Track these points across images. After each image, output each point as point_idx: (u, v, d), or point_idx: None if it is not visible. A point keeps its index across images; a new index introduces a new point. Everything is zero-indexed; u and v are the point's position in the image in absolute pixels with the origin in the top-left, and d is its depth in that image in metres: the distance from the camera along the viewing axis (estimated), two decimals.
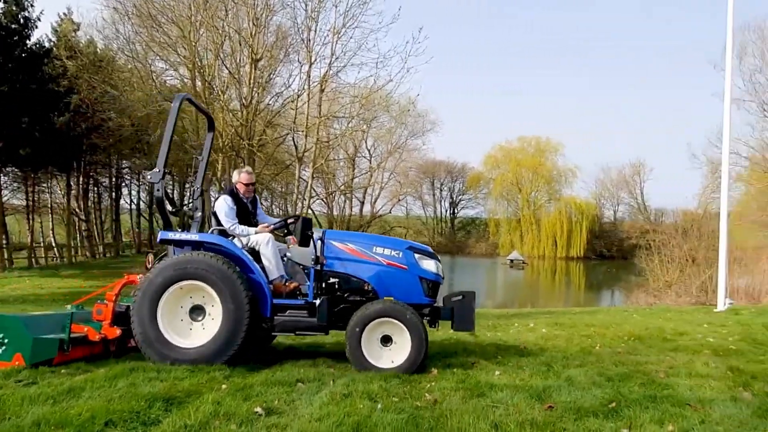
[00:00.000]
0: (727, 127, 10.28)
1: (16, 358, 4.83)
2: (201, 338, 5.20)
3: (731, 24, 10.14)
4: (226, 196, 5.86)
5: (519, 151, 66.33)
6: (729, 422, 3.40)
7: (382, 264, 5.65)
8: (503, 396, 4.02)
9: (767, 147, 28.53)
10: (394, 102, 27.69)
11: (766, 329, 8.75)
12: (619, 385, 4.43)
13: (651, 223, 51.96)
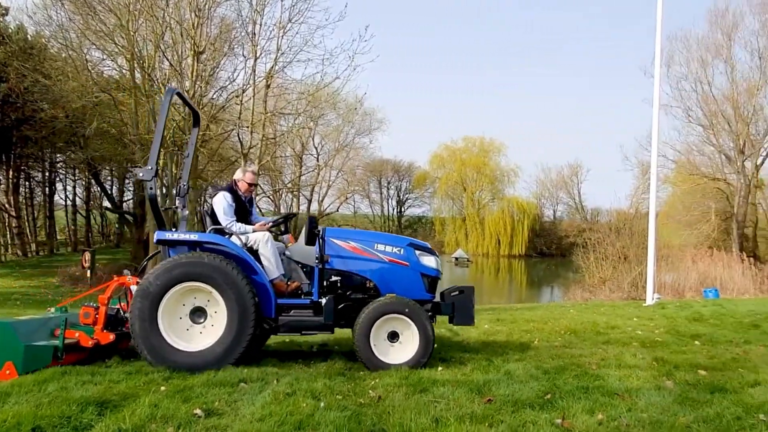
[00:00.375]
0: (655, 131, 10.83)
1: (6, 368, 4.48)
2: (204, 341, 5.04)
3: (660, 34, 10.69)
4: (225, 193, 5.72)
5: (464, 151, 67.45)
6: (653, 409, 3.61)
7: (384, 261, 5.65)
8: (445, 391, 4.11)
9: (691, 150, 30.25)
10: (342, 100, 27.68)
11: (688, 322, 9.32)
12: (554, 378, 4.61)
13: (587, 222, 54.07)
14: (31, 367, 4.56)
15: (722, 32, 27.90)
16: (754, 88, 27.13)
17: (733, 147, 27.88)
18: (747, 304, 14.22)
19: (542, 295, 35.17)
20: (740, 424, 3.33)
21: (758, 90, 27.12)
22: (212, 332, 5.07)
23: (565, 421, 3.40)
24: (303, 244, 5.63)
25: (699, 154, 30.31)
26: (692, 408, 3.65)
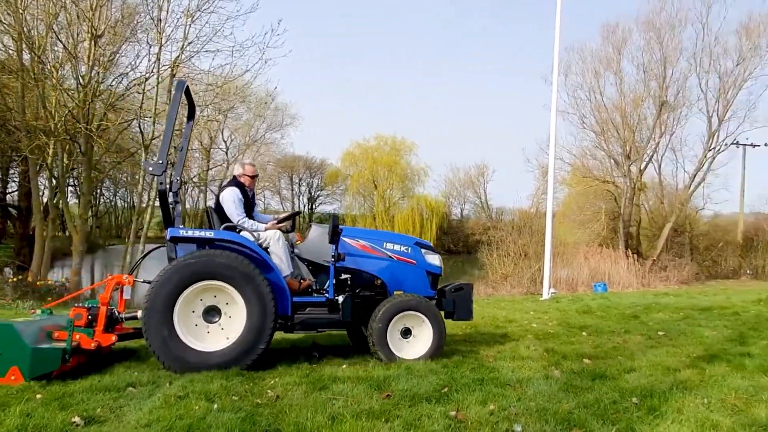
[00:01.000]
0: (553, 136, 11.43)
1: (11, 373, 4.21)
2: (221, 341, 4.93)
3: (558, 46, 11.30)
4: (234, 189, 5.65)
5: (376, 149, 67.95)
6: (540, 398, 3.81)
7: (392, 259, 5.80)
8: (344, 388, 4.10)
9: (585, 155, 32.38)
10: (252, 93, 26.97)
11: (578, 314, 9.94)
12: (453, 371, 4.75)
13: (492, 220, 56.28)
14: (39, 372, 4.30)
15: (613, 47, 30.08)
16: (639, 99, 29.52)
17: (621, 152, 30.15)
18: (630, 296, 15.44)
19: None
20: (615, 408, 3.58)
21: (642, 101, 29.53)
22: (228, 332, 4.98)
23: (460, 413, 3.51)
24: (315, 241, 5.77)
25: (592, 158, 32.49)
26: (575, 395, 3.89)
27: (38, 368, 4.30)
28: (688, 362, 5.12)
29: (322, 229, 5.87)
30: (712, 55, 28.47)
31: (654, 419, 3.35)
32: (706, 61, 28.63)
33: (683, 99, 29.44)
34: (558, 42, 11.16)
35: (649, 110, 29.83)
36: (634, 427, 3.22)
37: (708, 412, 3.46)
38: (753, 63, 27.91)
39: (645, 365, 4.93)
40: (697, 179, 30.35)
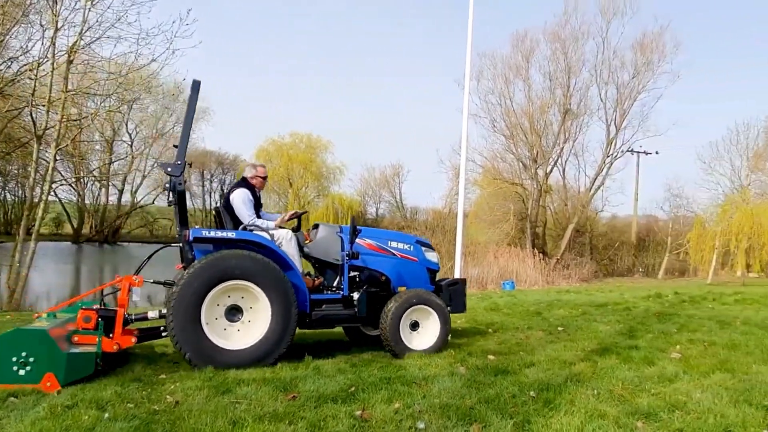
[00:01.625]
0: (464, 138, 11.72)
1: (46, 379, 4.10)
2: (245, 339, 5.03)
3: (470, 51, 11.61)
4: (245, 190, 5.78)
5: (291, 147, 66.99)
6: (445, 394, 3.89)
7: (396, 257, 6.13)
8: (248, 391, 3.98)
9: (496, 157, 33.70)
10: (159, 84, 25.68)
11: (486, 311, 10.30)
12: (361, 371, 4.75)
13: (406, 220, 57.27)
14: (74, 378, 4.23)
15: (522, 55, 31.51)
16: (546, 106, 31.13)
17: (529, 156, 31.65)
18: (535, 294, 16.23)
19: None
20: (514, 402, 3.72)
21: (548, 108, 31.17)
22: (251, 330, 5.07)
23: (365, 412, 3.50)
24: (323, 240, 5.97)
25: (502, 160, 33.83)
26: (478, 390, 4.00)
27: (73, 374, 4.25)
28: (582, 356, 5.42)
29: (330, 228, 6.12)
30: (611, 68, 30.56)
31: (549, 411, 3.51)
32: (605, 72, 30.70)
33: (585, 107, 31.39)
34: (470, 47, 11.46)
35: (555, 117, 31.53)
36: (530, 419, 3.35)
37: (597, 403, 3.67)
38: (646, 77, 30.24)
39: (544, 360, 5.17)
40: (596, 183, 32.43)
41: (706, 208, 34.02)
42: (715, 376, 4.45)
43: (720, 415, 3.41)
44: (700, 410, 3.50)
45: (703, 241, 27.96)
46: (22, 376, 4.11)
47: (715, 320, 8.34)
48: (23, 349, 4.14)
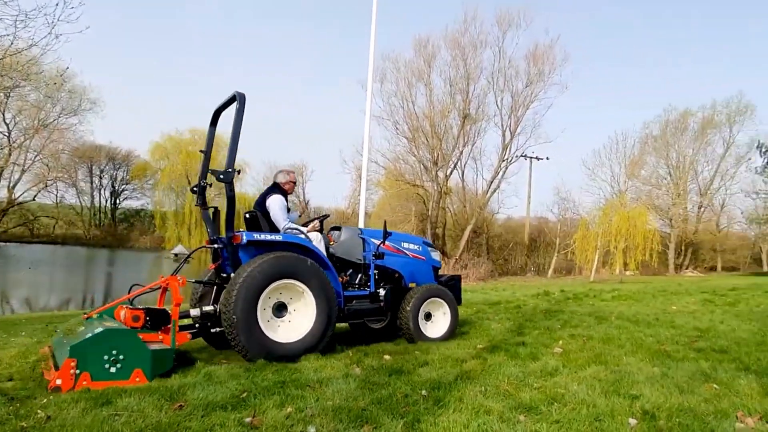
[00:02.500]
0: (366, 139, 11.83)
1: (135, 375, 4.41)
2: (293, 333, 5.49)
3: (373, 53, 11.73)
4: (280, 196, 6.29)
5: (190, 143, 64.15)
6: (338, 397, 3.87)
7: (408, 257, 6.92)
8: (131, 402, 3.74)
9: (398, 159, 34.37)
10: (41, 71, 23.61)
11: None
12: (255, 375, 4.61)
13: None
14: (158, 372, 4.56)
15: (424, 60, 32.36)
16: (446, 111, 32.19)
17: (430, 159, 32.54)
18: None
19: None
20: (406, 401, 3.79)
21: (449, 112, 32.26)
22: (296, 325, 5.56)
23: (255, 418, 3.41)
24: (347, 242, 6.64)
25: (404, 162, 34.55)
26: (371, 391, 4.02)
27: (157, 369, 4.56)
28: (474, 353, 5.62)
29: (352, 231, 6.81)
30: (507, 76, 32.20)
31: (438, 409, 3.60)
32: (501, 81, 32.28)
33: (483, 113, 32.81)
34: (373, 49, 11.58)
35: (455, 121, 32.67)
36: (420, 418, 3.42)
37: (484, 399, 3.82)
38: (538, 86, 32.16)
39: (437, 358, 5.31)
40: (493, 186, 33.99)
41: (589, 211, 36.79)
42: (590, 369, 4.79)
43: (592, 405, 3.67)
44: (575, 402, 3.75)
45: (587, 242, 30.20)
46: (114, 374, 4.34)
47: (594, 316, 9.00)
48: (113, 348, 4.37)
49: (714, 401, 3.80)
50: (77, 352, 4.27)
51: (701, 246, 50.80)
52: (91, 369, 4.28)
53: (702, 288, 17.95)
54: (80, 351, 4.27)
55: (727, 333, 6.72)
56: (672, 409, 3.57)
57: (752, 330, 6.91)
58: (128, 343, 4.49)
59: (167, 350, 4.79)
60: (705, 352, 5.62)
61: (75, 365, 4.22)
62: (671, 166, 48.10)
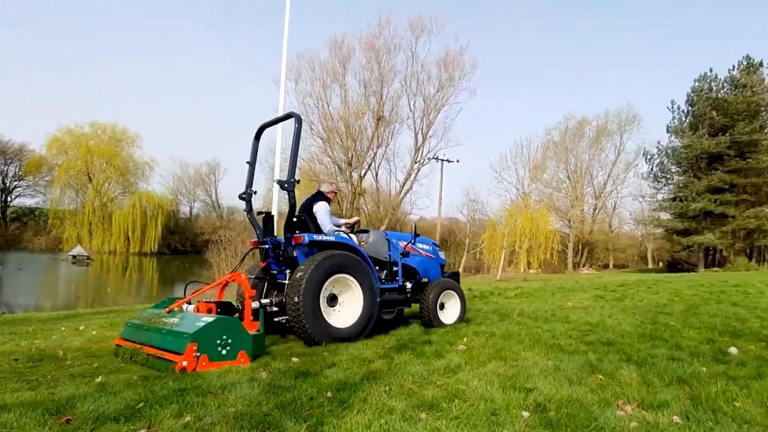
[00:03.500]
0: (279, 138, 11.67)
1: (240, 356, 5.19)
2: (345, 320, 6.48)
3: (285, 51, 11.58)
4: (324, 203, 7.29)
5: (91, 138, 60.36)
6: (241, 402, 3.78)
7: (422, 255, 8.08)
8: (11, 417, 3.44)
9: (313, 159, 34.18)
10: None
11: None
12: (153, 383, 4.40)
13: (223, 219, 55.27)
14: (256, 353, 5.42)
15: (339, 61, 32.44)
16: (361, 112, 32.43)
17: (344, 159, 32.62)
18: None
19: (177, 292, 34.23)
20: (311, 404, 3.77)
21: (363, 114, 32.52)
22: (346, 313, 6.58)
23: (150, 430, 3.26)
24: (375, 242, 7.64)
25: (319, 163, 34.45)
26: (276, 395, 3.96)
27: (256, 350, 5.46)
28: (382, 353, 5.69)
29: (379, 233, 7.82)
30: (419, 81, 32.97)
31: (343, 411, 3.62)
32: (414, 84, 32.99)
33: (396, 116, 33.38)
34: (286, 48, 11.44)
35: (369, 123, 32.98)
36: (323, 421, 3.42)
37: (388, 398, 3.88)
38: (449, 91, 33.20)
39: (345, 359, 5.32)
40: (406, 187, 34.61)
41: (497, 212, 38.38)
42: (491, 365, 4.99)
43: (490, 400, 3.84)
44: (474, 398, 3.90)
45: (494, 242, 31.49)
46: (224, 355, 5.11)
47: (497, 313, 9.40)
48: (224, 334, 5.13)
49: (599, 391, 4.09)
50: (198, 337, 4.97)
51: (596, 245, 54.55)
52: (209, 351, 5.02)
53: (595, 285, 19.24)
54: (199, 336, 4.99)
55: (614, 326, 7.24)
56: (561, 400, 3.80)
57: (635, 323, 7.50)
58: (235, 329, 5.28)
59: (261, 335, 5.75)
60: (594, 345, 6.03)
61: (196, 349, 4.94)
62: (570, 170, 51.28)
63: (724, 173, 45.09)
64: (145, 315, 6.23)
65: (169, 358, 5.05)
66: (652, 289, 15.70)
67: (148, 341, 5.55)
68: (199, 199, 72.29)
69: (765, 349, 5.54)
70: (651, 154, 52.12)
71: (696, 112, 48.42)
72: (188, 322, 5.35)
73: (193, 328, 5.09)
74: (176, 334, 5.20)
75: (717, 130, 46.13)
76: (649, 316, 7.98)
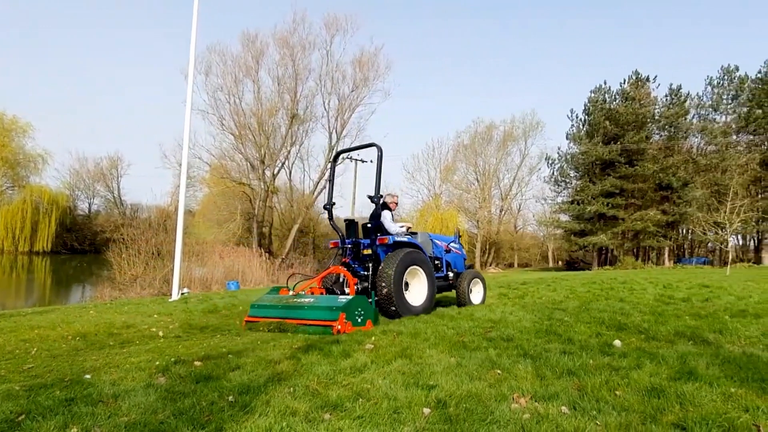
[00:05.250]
0: (186, 133, 11.24)
1: (369, 323, 7.43)
2: (416, 301, 8.81)
3: (194, 42, 11.15)
4: (388, 212, 9.30)
5: None
6: (135, 411, 3.60)
7: (455, 253, 10.52)
8: None
9: (224, 156, 33.13)
10: None
11: (203, 314, 10.00)
12: (38, 393, 4.10)
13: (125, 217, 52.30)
14: (376, 322, 7.62)
15: (252, 55, 31.65)
16: (274, 109, 31.84)
17: (257, 157, 31.89)
18: (257, 293, 16.37)
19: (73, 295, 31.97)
20: (212, 409, 3.65)
21: (277, 111, 31.95)
22: (415, 295, 8.87)
23: None
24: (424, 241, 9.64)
25: (230, 160, 33.43)
26: (174, 401, 3.80)
27: (375, 320, 7.63)
28: (289, 354, 5.62)
29: (426, 235, 9.93)
30: (334, 80, 32.89)
31: (244, 415, 3.54)
32: (329, 83, 32.88)
33: (311, 114, 33.11)
34: (195, 38, 11.02)
35: (283, 120, 32.47)
36: (223, 426, 3.33)
37: (291, 400, 3.84)
38: (363, 92, 33.39)
39: (251, 361, 5.21)
40: (320, 186, 34.37)
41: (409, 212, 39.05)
42: (396, 363, 5.07)
43: (393, 398, 3.90)
44: (378, 396, 3.95)
45: None
46: (359, 323, 7.26)
47: None
48: (359, 307, 7.35)
49: (496, 385, 4.28)
50: (345, 309, 7.12)
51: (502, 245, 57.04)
52: (351, 319, 7.17)
53: (500, 283, 20.09)
54: (345, 308, 7.14)
55: (515, 323, 7.59)
56: (461, 396, 3.94)
57: (534, 319, 7.91)
58: (365, 304, 7.48)
59: (377, 310, 7.89)
60: (495, 341, 6.29)
61: (345, 317, 7.09)
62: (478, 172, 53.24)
63: (615, 179, 48.73)
64: (268, 299, 8.13)
65: (324, 325, 7.04)
66: (550, 286, 16.62)
67: (289, 316, 7.48)
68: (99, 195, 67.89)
69: (644, 341, 6.04)
70: (552, 159, 55.39)
71: (592, 121, 52.00)
72: (331, 301, 7.43)
73: (340, 303, 7.21)
74: (326, 308, 7.21)
75: (610, 139, 49.78)
76: (547, 312, 8.44)
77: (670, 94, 51.76)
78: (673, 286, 14.76)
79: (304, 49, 31.70)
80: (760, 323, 6.99)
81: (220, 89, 30.99)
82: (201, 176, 33.60)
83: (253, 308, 8.06)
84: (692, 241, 53.50)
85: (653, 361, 4.91)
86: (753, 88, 48.74)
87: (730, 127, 50.02)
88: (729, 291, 12.74)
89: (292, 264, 30.77)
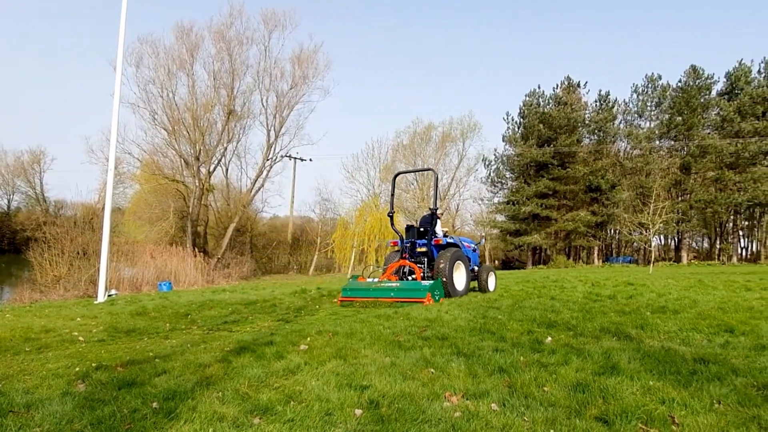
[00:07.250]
0: (115, 126, 10.76)
1: (441, 300, 10.26)
2: (459, 287, 11.55)
3: (123, 31, 10.66)
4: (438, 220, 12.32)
5: None
6: (50, 420, 3.38)
7: (471, 250, 13.40)
8: None
9: (156, 152, 31.89)
10: None
11: (131, 317, 9.58)
12: None
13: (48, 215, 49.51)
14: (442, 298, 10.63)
15: (186, 48, 30.60)
16: (210, 105, 30.94)
17: (192, 153, 30.89)
18: (190, 294, 15.87)
19: None
20: (133, 417, 3.48)
21: (213, 107, 31.07)
22: (458, 283, 11.63)
23: None
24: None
25: (163, 156, 32.22)
26: (93, 410, 3.60)
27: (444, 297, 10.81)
28: (220, 357, 5.44)
29: (456, 238, 12.68)
30: (272, 76, 32.33)
31: (168, 422, 3.39)
32: (267, 80, 32.29)
33: (248, 111, 32.40)
34: (124, 27, 10.52)
35: (219, 116, 31.61)
36: None
37: (220, 405, 3.71)
38: (303, 90, 33.01)
39: (179, 365, 5.01)
40: (257, 185, 33.74)
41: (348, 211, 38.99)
42: (330, 364, 5.02)
43: (326, 400, 3.85)
44: (310, 398, 3.88)
45: (345, 241, 31.99)
46: (436, 299, 10.17)
47: (341, 312, 9.52)
48: (437, 289, 10.41)
49: (429, 384, 4.30)
50: (430, 289, 10.13)
51: None
52: (433, 297, 10.07)
53: None
54: (430, 289, 10.12)
55: (450, 322, 7.70)
56: (394, 395, 3.94)
57: (469, 318, 8.05)
58: (440, 286, 10.59)
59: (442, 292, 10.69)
60: (430, 340, 6.35)
61: (430, 295, 9.97)
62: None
63: (549, 180, 50.57)
64: (355, 285, 10.96)
65: (414, 301, 9.91)
66: None
67: (381, 296, 10.36)
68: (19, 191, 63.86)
69: (572, 338, 6.26)
70: (489, 160, 56.82)
71: (527, 123, 53.73)
72: (415, 284, 10.42)
73: (425, 286, 10.19)
74: (416, 289, 10.18)
75: (544, 141, 51.60)
76: (481, 311, 8.61)
77: (600, 99, 54.29)
78: (601, 284, 15.44)
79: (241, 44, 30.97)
80: (678, 318, 7.40)
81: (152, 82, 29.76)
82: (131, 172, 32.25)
83: (345, 291, 10.82)
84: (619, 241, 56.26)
85: (580, 357, 5.09)
86: (674, 96, 51.80)
87: (653, 132, 52.93)
88: (651, 288, 13.45)
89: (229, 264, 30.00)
